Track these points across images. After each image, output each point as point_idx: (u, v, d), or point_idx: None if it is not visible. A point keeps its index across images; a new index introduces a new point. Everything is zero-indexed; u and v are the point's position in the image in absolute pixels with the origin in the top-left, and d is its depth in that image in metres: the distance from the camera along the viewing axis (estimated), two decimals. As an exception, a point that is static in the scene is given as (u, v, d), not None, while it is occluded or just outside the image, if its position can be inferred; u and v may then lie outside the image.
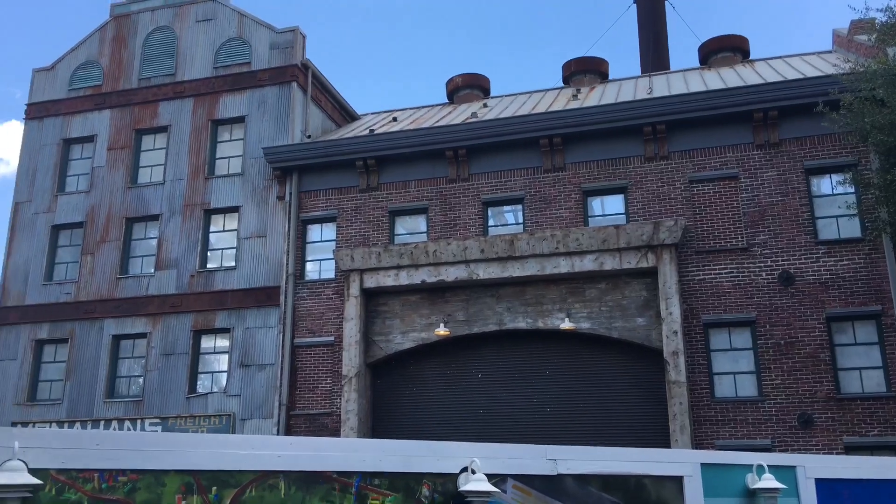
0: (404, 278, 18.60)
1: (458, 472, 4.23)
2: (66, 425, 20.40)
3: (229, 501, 3.73)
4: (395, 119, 23.70)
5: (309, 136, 21.96)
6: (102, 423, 20.53)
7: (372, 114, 26.06)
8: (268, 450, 3.90)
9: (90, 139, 23.45)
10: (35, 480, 3.25)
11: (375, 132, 21.33)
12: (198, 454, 3.71)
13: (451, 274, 18.31)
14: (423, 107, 25.55)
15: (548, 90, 24.55)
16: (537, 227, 18.70)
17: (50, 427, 20.16)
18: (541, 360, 18.25)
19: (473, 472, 4.16)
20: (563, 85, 24.86)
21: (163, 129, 22.90)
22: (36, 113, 24.19)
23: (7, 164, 79.59)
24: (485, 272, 18.12)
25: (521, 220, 19.28)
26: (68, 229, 22.93)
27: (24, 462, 3.28)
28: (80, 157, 23.62)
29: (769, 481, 5.05)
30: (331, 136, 22.28)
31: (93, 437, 3.59)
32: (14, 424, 20.09)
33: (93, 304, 21.68)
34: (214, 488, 3.71)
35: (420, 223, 20.05)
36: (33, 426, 19.98)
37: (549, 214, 18.85)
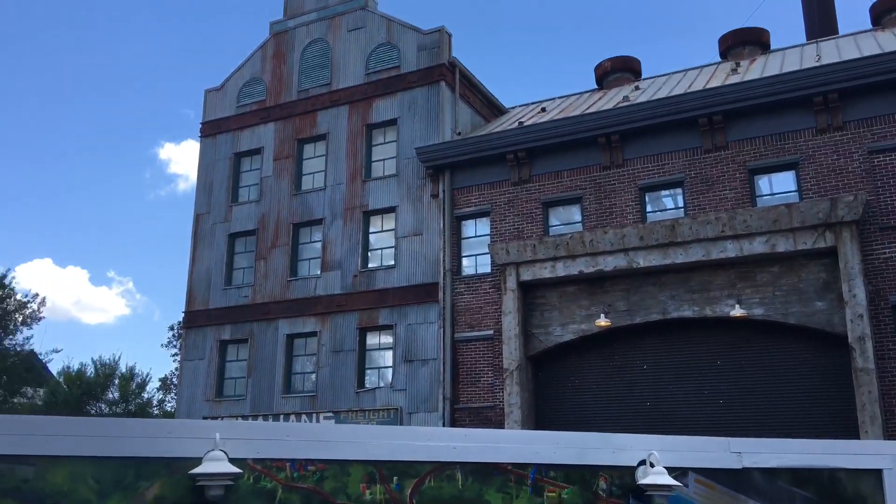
0: (561, 270, 18.42)
1: (635, 465, 4.11)
2: (249, 419, 21.88)
3: (409, 491, 3.83)
4: (543, 109, 23.52)
5: (459, 134, 22.25)
6: (282, 417, 21.83)
7: (520, 106, 26.00)
8: (443, 441, 3.96)
9: (258, 151, 25.00)
10: (236, 469, 3.48)
11: (524, 124, 21.26)
12: (378, 445, 3.83)
13: (609, 263, 17.92)
14: (573, 94, 25.17)
15: (703, 66, 23.44)
16: (699, 210, 17.90)
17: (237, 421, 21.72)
18: (709, 349, 17.46)
19: (652, 465, 4.03)
20: (720, 60, 23.65)
21: (322, 137, 24.02)
22: (209, 130, 26.10)
23: (186, 179, 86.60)
24: (645, 260, 17.59)
25: (680, 205, 18.54)
26: (243, 236, 24.57)
27: (224, 452, 3.52)
28: (249, 168, 25.24)
29: None
30: (480, 132, 22.45)
31: (284, 429, 3.81)
32: (204, 419, 21.83)
33: (268, 306, 23.11)
34: (395, 478, 3.83)
35: (574, 213, 19.78)
36: (221, 421, 21.61)
37: (712, 196, 17.99)
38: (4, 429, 3.36)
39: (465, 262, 20.78)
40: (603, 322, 17.85)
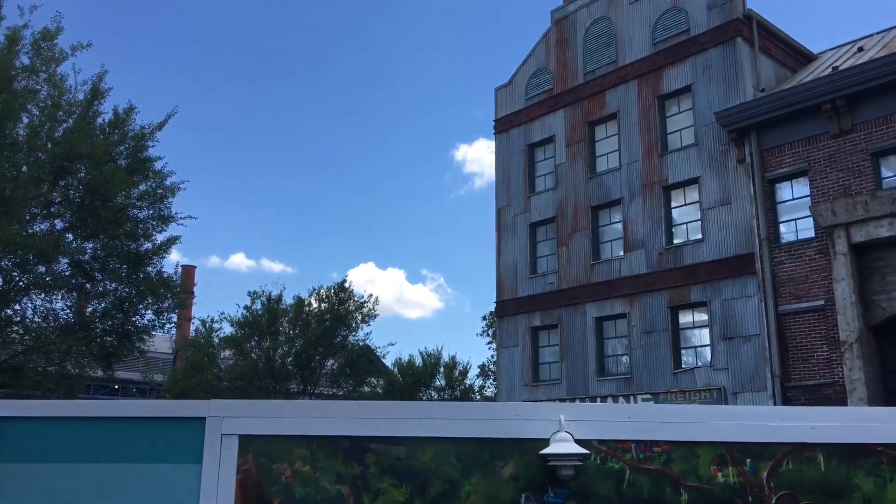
0: (902, 226, 16.15)
1: None
2: (566, 403, 22.35)
3: (766, 474, 3.63)
4: (860, 49, 20.82)
5: (763, 90, 20.55)
6: (598, 399, 22.00)
7: (831, 49, 23.28)
8: (798, 421, 3.69)
9: (550, 140, 25.42)
10: (584, 451, 3.58)
11: (839, 69, 19.00)
12: (727, 426, 3.68)
13: (964, 213, 15.33)
14: (893, 28, 21.94)
15: None
16: None
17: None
18: None
19: None
20: None
21: (612, 117, 23.71)
22: (502, 126, 27.13)
23: (481, 176, 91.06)
24: None
25: None
26: (543, 225, 25.18)
27: (570, 434, 3.63)
28: (543, 158, 25.78)
29: None
30: (788, 85, 20.52)
31: (624, 411, 3.82)
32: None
33: (574, 291, 23.42)
34: (748, 460, 3.65)
35: (912, 160, 17.23)
36: (564, 403, 22.35)
37: None
38: (382, 414, 3.82)
39: (782, 228, 19.15)
40: (963, 282, 15.32)
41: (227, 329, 34.81)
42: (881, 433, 3.61)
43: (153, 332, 22.13)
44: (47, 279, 19.87)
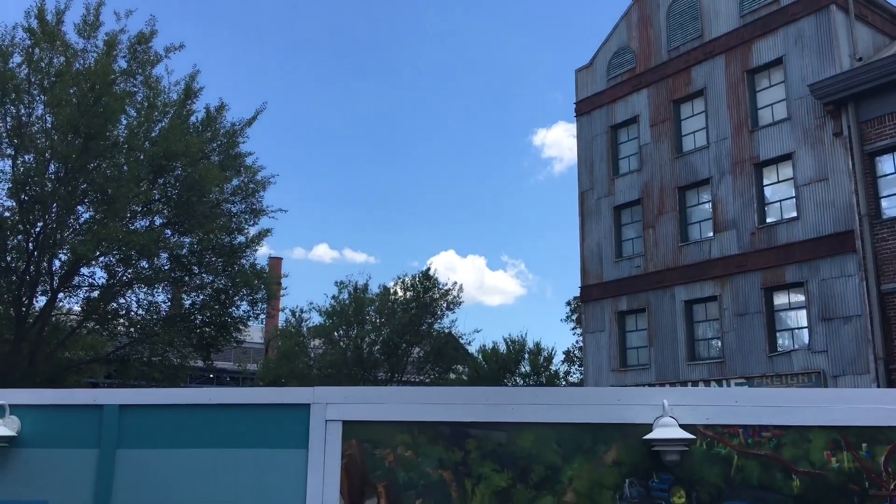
0: None
1: None
2: (655, 388, 21.95)
3: (883, 458, 3.47)
4: (968, 9, 19.51)
5: (860, 59, 19.53)
6: (689, 384, 21.50)
7: (934, 12, 21.90)
8: (920, 404, 3.51)
9: (633, 121, 24.88)
10: (690, 435, 3.50)
11: (945, 31, 17.85)
12: (841, 409, 3.54)
13: None
14: None
15: None
16: None
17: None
18: None
19: None
20: None
21: (699, 94, 23.01)
22: (584, 108, 26.71)
23: (560, 160, 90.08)
24: None
25: None
26: (628, 207, 24.70)
27: (674, 418, 3.56)
28: (626, 139, 25.26)
29: None
30: (887, 53, 19.43)
31: (732, 395, 3.72)
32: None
33: (661, 274, 22.92)
34: (864, 445, 3.50)
35: None
36: (668, 387, 22.04)
37: None
38: (482, 399, 3.84)
39: (884, 203, 18.20)
40: None
41: (316, 318, 35.70)
42: None
43: (248, 322, 22.91)
44: (149, 273, 20.82)
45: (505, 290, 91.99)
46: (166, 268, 21.35)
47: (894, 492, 3.43)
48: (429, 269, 37.50)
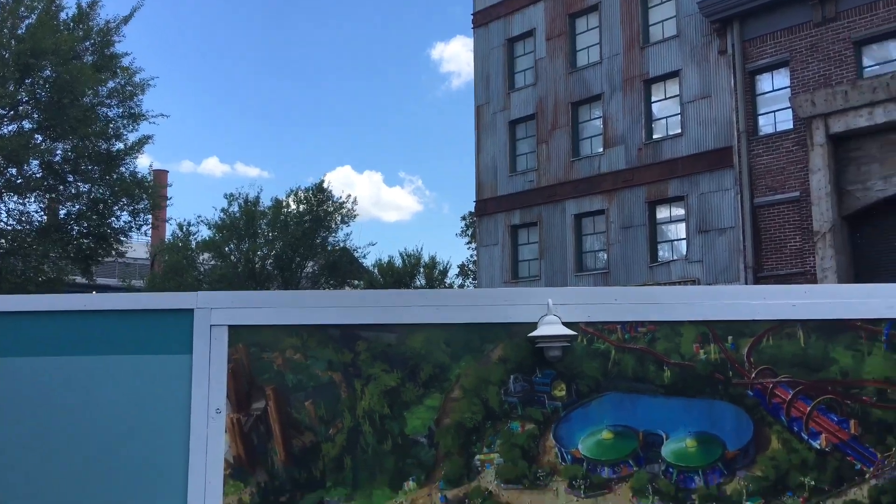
0: (881, 116, 16.18)
1: None
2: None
3: (746, 350, 3.73)
4: (847, -67, 20.21)
5: (746, -22, 20.02)
6: (577, 294, 22.36)
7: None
8: (781, 299, 3.77)
9: (530, 34, 24.81)
10: (570, 332, 3.64)
11: (825, -46, 18.48)
12: (711, 305, 3.75)
13: (942, 102, 15.36)
14: None
15: None
16: None
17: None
18: None
19: None
20: None
21: (593, 8, 23.11)
22: (481, 20, 26.38)
23: (458, 75, 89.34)
24: None
25: None
26: (523, 122, 24.92)
27: (558, 317, 3.69)
28: (522, 52, 25.23)
29: None
30: (771, -28, 19.98)
31: (611, 294, 3.88)
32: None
33: (553, 188, 23.45)
34: (730, 337, 3.74)
35: (894, 49, 17.08)
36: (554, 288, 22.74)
37: None
38: (373, 302, 3.84)
39: (761, 120, 19.11)
40: (937, 171, 15.51)
41: (205, 232, 34.68)
42: (862, 309, 3.70)
43: (130, 234, 21.99)
44: (19, 181, 19.50)
45: (402, 206, 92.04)
46: (38, 176, 20.02)
47: (755, 380, 3.70)
48: (322, 181, 36.90)
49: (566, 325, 3.67)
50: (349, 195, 50.45)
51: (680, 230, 20.79)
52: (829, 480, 3.61)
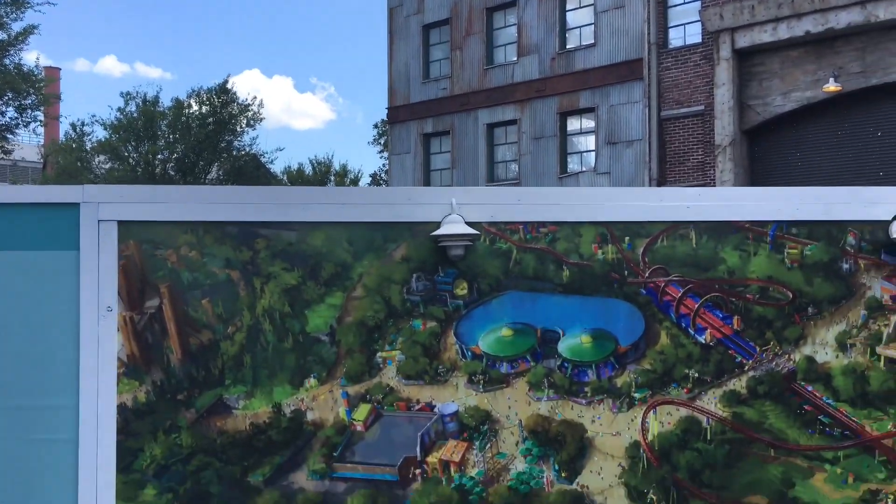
0: (784, 31, 16.61)
1: (890, 219, 3.81)
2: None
3: (642, 250, 3.85)
4: None
5: None
6: (487, 203, 22.58)
7: None
8: (677, 201, 3.88)
9: (445, -67, 23.96)
10: (473, 231, 3.66)
11: None
12: (610, 207, 3.83)
13: (841, 20, 15.87)
14: None
15: None
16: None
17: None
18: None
19: (909, 219, 3.70)
20: None
21: None
22: (394, -84, 25.25)
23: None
24: (887, 12, 15.35)
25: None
26: (437, 27, 24.35)
27: (461, 216, 3.69)
28: (438, -47, 24.41)
29: None
30: None
31: (515, 193, 3.90)
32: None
33: (466, 97, 23.24)
34: (627, 238, 3.84)
35: (800, -34, 17.39)
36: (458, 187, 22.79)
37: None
38: (272, 199, 3.74)
39: (672, 33, 19.29)
40: (832, 87, 16.17)
41: (101, 133, 32.93)
42: (750, 211, 3.85)
43: (16, 131, 20.64)
44: None
45: (314, 114, 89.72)
46: None
47: (648, 279, 3.83)
48: (226, 81, 35.26)
49: (469, 224, 3.68)
50: (255, 97, 48.68)
51: (589, 142, 21.10)
52: (712, 372, 3.83)
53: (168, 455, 3.60)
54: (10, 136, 20.51)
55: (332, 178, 40.72)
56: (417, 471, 3.74)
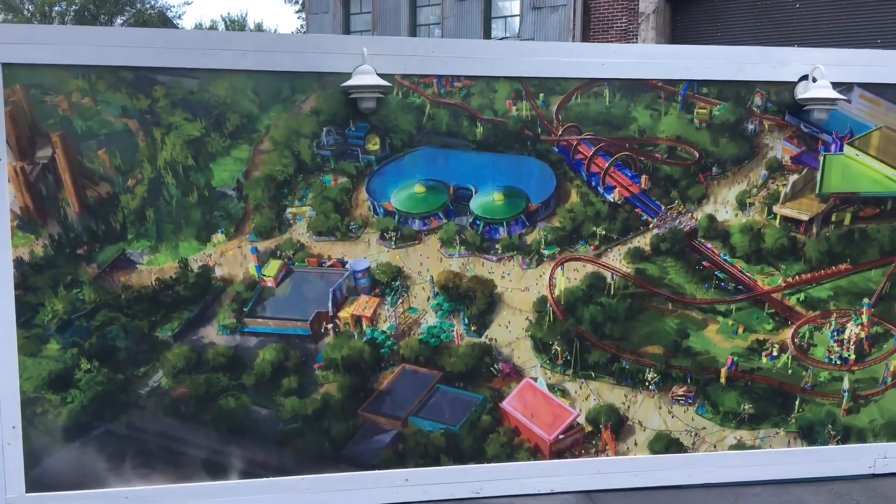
0: None
1: (796, 80, 3.88)
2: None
3: (556, 108, 3.82)
4: None
5: None
6: (409, 68, 21.99)
7: None
8: (592, 57, 3.83)
9: None
10: (385, 83, 3.54)
11: None
12: (525, 62, 3.75)
13: None
14: None
15: None
16: None
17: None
18: (876, -15, 15.57)
19: (815, 79, 3.78)
20: None
21: None
22: None
23: None
24: None
25: None
26: None
27: (372, 67, 3.55)
28: None
29: None
30: None
31: (429, 45, 3.76)
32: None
33: (388, -48, 22.05)
34: (542, 95, 3.80)
35: None
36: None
37: None
38: (169, 43, 3.49)
39: None
40: (755, -43, 16.04)
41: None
42: (662, 70, 3.84)
43: None
44: None
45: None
46: None
47: (561, 136, 3.83)
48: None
49: (382, 76, 3.56)
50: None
51: (514, 6, 20.52)
52: (618, 230, 3.93)
53: (70, 310, 3.51)
54: None
55: (247, 38, 38.71)
56: (329, 325, 3.78)
